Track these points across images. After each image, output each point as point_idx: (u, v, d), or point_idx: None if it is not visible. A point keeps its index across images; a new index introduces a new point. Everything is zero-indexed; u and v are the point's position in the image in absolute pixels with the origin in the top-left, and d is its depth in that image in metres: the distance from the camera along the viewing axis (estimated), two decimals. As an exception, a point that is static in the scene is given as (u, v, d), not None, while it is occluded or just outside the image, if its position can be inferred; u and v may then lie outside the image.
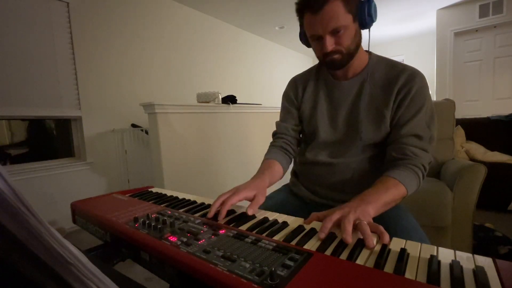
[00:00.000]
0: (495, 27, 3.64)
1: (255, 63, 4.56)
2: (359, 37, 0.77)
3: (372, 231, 0.51)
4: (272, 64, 4.92)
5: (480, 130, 2.70)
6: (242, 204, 0.76)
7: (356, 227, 0.51)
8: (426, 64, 4.91)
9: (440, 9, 3.90)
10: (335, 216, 0.54)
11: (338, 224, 0.54)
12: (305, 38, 0.83)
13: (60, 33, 2.24)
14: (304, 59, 5.82)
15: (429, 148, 0.76)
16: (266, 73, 4.76)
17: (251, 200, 0.71)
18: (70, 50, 2.30)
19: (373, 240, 0.48)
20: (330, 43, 0.73)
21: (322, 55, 0.77)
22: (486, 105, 3.82)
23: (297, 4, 0.75)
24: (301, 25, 0.81)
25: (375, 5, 0.74)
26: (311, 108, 0.91)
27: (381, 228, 0.51)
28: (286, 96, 0.98)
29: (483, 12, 3.60)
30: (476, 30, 3.77)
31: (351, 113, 0.83)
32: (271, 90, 4.73)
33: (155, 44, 2.99)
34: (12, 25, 1.98)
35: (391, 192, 0.66)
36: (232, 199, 0.67)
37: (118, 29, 2.65)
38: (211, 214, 0.64)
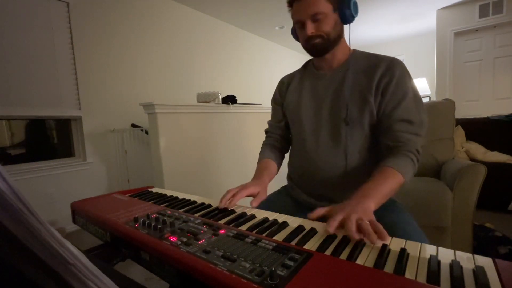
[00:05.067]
0: (495, 27, 3.63)
1: (255, 63, 4.56)
2: (339, 28, 0.83)
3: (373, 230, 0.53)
4: (272, 64, 4.92)
5: (480, 130, 2.69)
6: (242, 204, 0.77)
7: (358, 228, 0.53)
8: (426, 64, 4.91)
9: (440, 9, 3.90)
10: (339, 217, 0.56)
11: (342, 225, 0.56)
12: (295, 32, 0.89)
13: (60, 33, 2.24)
14: (303, 59, 5.80)
15: (421, 132, 0.78)
16: (266, 73, 4.76)
17: (255, 196, 0.80)
18: (70, 50, 2.30)
19: (375, 238, 0.50)
20: (310, 28, 0.79)
21: (305, 41, 0.83)
22: (486, 105, 3.81)
23: None
24: (292, 16, 0.87)
25: (355, 3, 0.81)
26: (296, 101, 0.94)
27: (380, 227, 0.53)
28: (273, 96, 1.07)
29: (483, 12, 3.60)
30: (476, 30, 3.77)
31: (335, 99, 0.85)
32: (271, 90, 4.65)
33: (155, 44, 2.98)
34: (12, 25, 1.98)
35: (389, 182, 0.69)
36: (242, 193, 0.76)
37: (118, 29, 2.65)
38: (222, 205, 0.72)
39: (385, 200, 0.67)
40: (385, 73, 0.78)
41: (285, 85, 1.01)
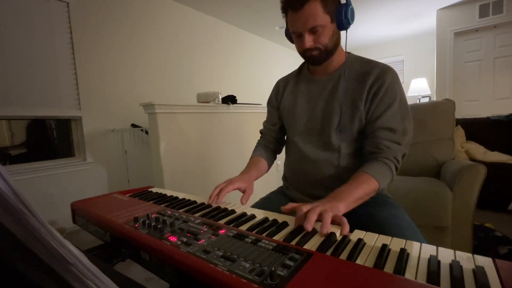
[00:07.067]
0: (495, 27, 3.63)
1: (255, 63, 4.55)
2: (336, 37, 0.82)
3: (335, 222, 0.57)
4: (272, 64, 4.92)
5: (480, 130, 2.69)
6: (239, 204, 0.77)
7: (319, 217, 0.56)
8: (426, 64, 4.90)
9: (440, 9, 3.89)
10: (305, 208, 0.59)
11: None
12: (290, 35, 0.88)
13: (60, 33, 2.24)
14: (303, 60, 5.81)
15: (403, 141, 0.79)
16: (266, 73, 4.75)
17: (243, 191, 0.84)
18: (70, 50, 2.30)
19: (328, 228, 0.53)
20: (308, 40, 0.78)
21: (302, 51, 0.82)
22: (486, 105, 3.81)
23: (281, 2, 0.80)
24: (287, 22, 0.86)
25: (352, 9, 0.79)
26: (291, 104, 0.95)
27: (344, 219, 0.56)
28: (269, 99, 1.08)
29: (483, 12, 3.60)
30: (476, 30, 3.77)
31: (328, 104, 0.86)
32: (270, 90, 4.70)
33: (155, 44, 2.98)
34: (12, 25, 1.98)
35: (362, 187, 0.70)
36: (228, 188, 0.80)
37: (118, 29, 2.65)
38: (210, 201, 0.76)
39: (356, 204, 0.69)
40: (376, 80, 0.79)
41: (281, 89, 1.03)
